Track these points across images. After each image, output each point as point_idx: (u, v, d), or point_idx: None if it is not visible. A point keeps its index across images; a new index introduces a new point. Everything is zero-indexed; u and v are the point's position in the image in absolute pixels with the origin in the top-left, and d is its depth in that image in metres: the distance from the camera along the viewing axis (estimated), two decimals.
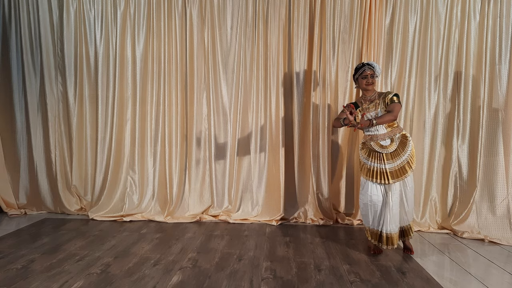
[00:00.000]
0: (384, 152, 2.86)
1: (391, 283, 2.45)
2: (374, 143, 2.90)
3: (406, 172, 2.83)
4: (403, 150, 2.85)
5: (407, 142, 2.88)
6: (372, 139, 2.92)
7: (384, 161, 2.85)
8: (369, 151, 2.94)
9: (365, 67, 2.94)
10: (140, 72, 3.99)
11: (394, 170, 2.83)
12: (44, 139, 4.09)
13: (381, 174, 2.85)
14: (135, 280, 2.42)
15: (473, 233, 3.51)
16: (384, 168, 2.84)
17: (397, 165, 2.83)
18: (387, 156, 2.86)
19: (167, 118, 3.96)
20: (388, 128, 2.90)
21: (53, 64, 4.06)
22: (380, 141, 2.89)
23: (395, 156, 2.85)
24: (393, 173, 2.84)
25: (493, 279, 2.59)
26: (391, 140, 2.88)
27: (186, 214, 3.94)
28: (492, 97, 3.66)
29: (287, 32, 3.91)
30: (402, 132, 2.94)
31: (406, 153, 2.85)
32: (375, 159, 2.89)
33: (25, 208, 4.10)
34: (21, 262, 2.67)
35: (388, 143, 2.88)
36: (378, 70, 2.98)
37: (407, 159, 2.84)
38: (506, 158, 3.62)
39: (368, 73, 2.92)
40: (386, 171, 2.84)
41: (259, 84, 3.92)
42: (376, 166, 2.87)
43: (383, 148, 2.87)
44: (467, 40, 3.70)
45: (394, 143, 2.87)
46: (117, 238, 3.28)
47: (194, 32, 3.95)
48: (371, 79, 2.93)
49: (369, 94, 2.98)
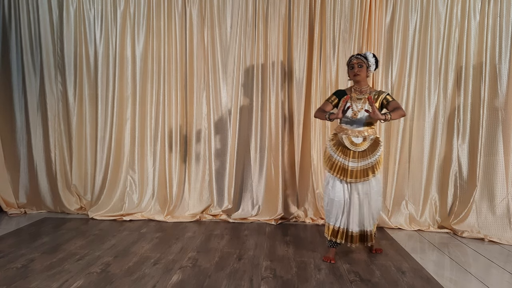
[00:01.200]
0: (353, 149, 2.72)
1: (391, 283, 2.46)
2: (346, 137, 2.75)
3: (367, 175, 2.70)
4: (371, 153, 2.71)
5: (378, 146, 2.75)
6: (346, 133, 2.76)
7: (348, 158, 2.72)
8: (338, 144, 2.78)
9: (351, 58, 2.81)
10: (140, 72, 3.99)
11: (355, 170, 2.70)
12: (44, 139, 4.09)
13: (342, 170, 2.73)
14: (135, 279, 2.42)
15: (473, 233, 3.51)
16: (346, 164, 2.72)
17: (359, 166, 2.70)
18: (353, 154, 2.72)
19: (167, 118, 3.96)
20: (366, 127, 2.76)
21: (53, 64, 4.06)
22: (352, 137, 2.74)
23: (362, 157, 2.71)
24: (353, 173, 2.71)
25: (493, 279, 2.59)
26: (364, 139, 2.73)
27: (186, 213, 3.94)
28: (492, 97, 3.66)
29: (287, 31, 3.90)
30: (376, 135, 2.81)
31: (374, 157, 2.71)
32: (341, 154, 2.75)
33: (25, 207, 4.10)
34: (21, 261, 2.67)
35: (359, 141, 2.73)
36: (370, 60, 2.76)
37: (372, 163, 2.71)
38: (506, 158, 3.62)
39: (354, 62, 2.75)
40: (347, 169, 2.71)
41: (259, 83, 3.92)
42: (340, 161, 2.74)
43: (353, 145, 2.72)
44: (467, 39, 3.70)
45: (366, 143, 2.73)
46: (117, 237, 3.28)
47: (194, 32, 3.94)
48: (358, 68, 2.74)
49: (360, 86, 2.80)
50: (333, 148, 2.80)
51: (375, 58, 2.79)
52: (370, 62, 2.76)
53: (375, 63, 2.79)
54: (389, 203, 3.82)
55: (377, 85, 3.78)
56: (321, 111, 2.80)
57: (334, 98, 2.86)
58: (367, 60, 2.75)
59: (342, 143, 2.75)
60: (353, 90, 2.82)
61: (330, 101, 2.86)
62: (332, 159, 2.77)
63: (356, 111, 2.72)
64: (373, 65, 2.78)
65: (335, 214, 2.79)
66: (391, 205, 3.81)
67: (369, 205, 2.74)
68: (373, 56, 2.77)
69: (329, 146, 2.84)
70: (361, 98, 2.76)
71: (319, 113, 2.81)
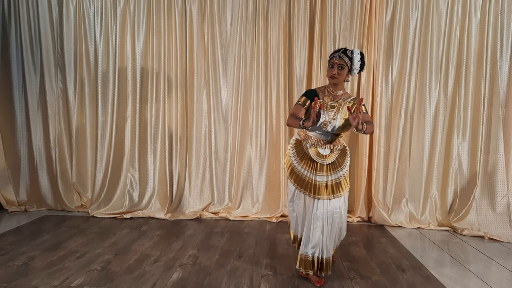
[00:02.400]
0: (320, 162, 2.37)
1: (391, 280, 2.46)
2: (312, 149, 2.39)
3: (341, 190, 2.38)
4: (340, 165, 2.40)
5: (345, 156, 2.46)
6: (313, 143, 2.40)
7: (315, 172, 2.37)
8: (302, 154, 2.42)
9: (335, 54, 2.34)
10: (140, 69, 3.98)
11: (323, 185, 2.35)
12: (44, 136, 4.09)
13: (310, 186, 2.36)
14: (136, 277, 2.42)
15: (473, 230, 3.52)
16: (312, 179, 2.36)
17: (330, 181, 2.36)
18: (321, 167, 2.37)
19: (167, 116, 3.96)
20: (335, 137, 2.42)
21: (53, 61, 4.05)
22: (319, 149, 2.39)
23: (331, 170, 2.38)
24: (321, 188, 2.34)
25: (493, 276, 2.59)
26: (331, 150, 2.40)
27: (187, 211, 3.94)
28: (493, 94, 3.66)
29: (287, 29, 3.90)
30: (343, 143, 2.52)
31: (345, 168, 2.42)
32: (306, 167, 2.39)
33: (25, 205, 4.11)
34: (22, 259, 2.68)
35: (327, 153, 2.38)
36: (355, 64, 2.31)
37: (344, 175, 2.41)
38: (506, 156, 3.62)
39: (336, 62, 2.31)
40: (315, 184, 2.35)
41: (259, 81, 3.91)
42: (306, 175, 2.38)
43: (319, 157, 2.37)
44: (468, 37, 3.69)
45: (333, 155, 2.40)
46: (118, 235, 3.29)
47: (194, 29, 3.94)
48: (337, 70, 2.31)
49: (336, 89, 2.40)
50: (296, 158, 2.43)
51: (361, 62, 2.34)
52: (354, 66, 2.32)
53: (360, 67, 2.35)
54: (389, 201, 3.82)
55: (377, 83, 3.78)
56: (294, 118, 2.31)
57: (305, 99, 2.41)
58: (352, 63, 2.32)
59: (307, 153, 2.41)
60: (327, 92, 2.42)
61: (301, 103, 2.40)
62: (296, 171, 2.42)
63: (326, 122, 2.34)
64: (356, 70, 2.34)
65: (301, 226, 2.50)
66: (391, 203, 3.81)
67: (328, 229, 2.36)
68: (359, 59, 2.33)
69: (292, 155, 2.46)
70: (334, 106, 2.37)
71: (292, 120, 2.31)
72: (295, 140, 2.50)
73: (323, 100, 2.37)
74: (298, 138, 2.50)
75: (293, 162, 2.44)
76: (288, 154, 2.50)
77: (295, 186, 2.42)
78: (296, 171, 2.42)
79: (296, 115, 2.35)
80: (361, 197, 3.88)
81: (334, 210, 2.35)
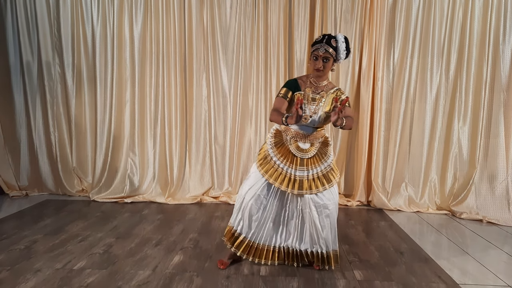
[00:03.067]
0: (299, 156, 2.25)
1: (390, 263, 2.49)
2: (292, 142, 2.27)
3: (331, 180, 2.26)
4: (322, 158, 2.28)
5: (327, 147, 2.33)
6: (292, 136, 2.28)
7: (294, 166, 2.24)
8: (281, 145, 2.29)
9: (318, 46, 2.16)
10: (139, 53, 3.93)
11: (304, 179, 2.22)
12: (44, 121, 4.08)
13: (285, 180, 2.22)
14: (137, 260, 2.45)
15: (471, 214, 3.55)
16: (292, 174, 2.22)
17: (313, 174, 2.23)
18: (301, 162, 2.25)
19: (166, 100, 3.93)
20: (316, 130, 2.29)
21: (50, 45, 3.99)
22: (299, 142, 2.27)
23: (312, 163, 2.25)
24: (303, 183, 2.21)
25: (490, 259, 2.62)
26: (311, 144, 2.28)
27: (187, 195, 3.96)
28: (495, 78, 3.63)
29: (287, 12, 3.83)
30: (325, 135, 2.37)
31: (329, 159, 2.30)
32: (284, 160, 2.25)
33: (26, 189, 4.12)
34: (24, 242, 2.71)
35: (307, 147, 2.27)
36: (340, 54, 2.18)
37: (330, 166, 2.29)
38: (506, 140, 3.62)
39: (320, 54, 2.15)
40: (294, 179, 2.22)
41: (259, 65, 3.87)
42: (283, 168, 2.23)
43: (299, 151, 2.26)
44: (471, 19, 3.64)
45: (313, 148, 2.28)
46: (119, 219, 3.31)
47: (192, 12, 3.87)
48: (323, 63, 2.16)
49: (319, 80, 2.27)
50: (274, 148, 2.28)
51: (347, 50, 2.21)
52: (340, 56, 2.19)
53: (346, 54, 2.22)
54: (389, 185, 3.83)
55: (378, 67, 3.74)
56: (277, 113, 2.16)
57: (287, 91, 2.25)
58: (337, 52, 2.18)
59: (286, 146, 2.28)
60: (309, 82, 2.28)
61: (282, 95, 2.25)
62: (271, 162, 2.25)
63: (307, 115, 2.22)
64: (342, 59, 2.22)
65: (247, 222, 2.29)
66: (390, 187, 3.83)
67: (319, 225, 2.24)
68: (345, 48, 2.19)
69: (269, 144, 2.31)
70: (316, 98, 2.24)
71: (275, 116, 2.16)
72: (275, 130, 2.35)
73: (304, 92, 2.25)
74: (278, 128, 2.35)
75: (269, 151, 2.28)
76: (266, 143, 2.35)
77: (265, 177, 2.22)
78: (270, 162, 2.25)
79: (278, 109, 2.19)
80: (360, 181, 3.89)
81: (327, 203, 2.22)
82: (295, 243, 2.35)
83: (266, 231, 2.32)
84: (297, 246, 2.34)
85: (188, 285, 2.14)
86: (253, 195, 2.26)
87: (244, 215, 2.29)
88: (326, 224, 2.25)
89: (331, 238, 2.28)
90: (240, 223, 2.33)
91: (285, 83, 2.33)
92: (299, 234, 2.35)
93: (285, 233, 2.37)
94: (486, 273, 2.40)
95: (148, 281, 2.17)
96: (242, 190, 2.31)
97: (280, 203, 2.33)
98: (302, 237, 2.34)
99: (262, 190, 2.25)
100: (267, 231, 2.33)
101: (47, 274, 2.22)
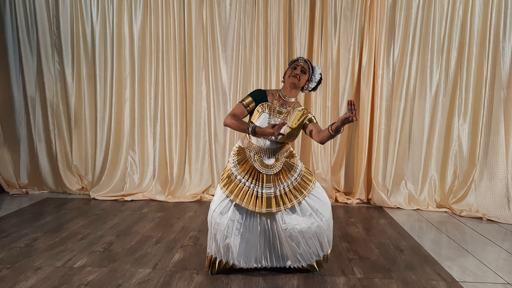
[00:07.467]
0: (265, 172, 2.16)
1: (389, 261, 2.49)
2: (256, 158, 2.19)
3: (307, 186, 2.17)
4: (289, 172, 2.19)
5: (293, 159, 2.26)
6: (255, 152, 2.20)
7: (260, 184, 2.15)
8: (245, 163, 2.20)
9: (300, 58, 2.22)
10: (138, 51, 3.92)
11: (271, 196, 2.12)
12: (43, 119, 4.07)
13: (255, 198, 2.12)
14: (138, 257, 2.46)
15: (471, 212, 3.55)
16: (259, 191, 2.13)
17: (279, 190, 2.14)
18: (267, 178, 2.16)
19: (166, 98, 3.93)
20: (278, 145, 2.21)
21: (50, 43, 3.98)
22: (263, 158, 2.19)
23: (278, 180, 2.16)
24: (271, 200, 2.12)
25: (490, 256, 2.63)
26: (276, 159, 2.21)
27: (187, 193, 3.97)
28: (495, 76, 3.62)
29: (287, 9, 3.82)
30: (290, 148, 2.31)
31: (297, 169, 2.22)
32: (249, 177, 2.15)
33: (26, 187, 4.13)
34: (25, 240, 2.71)
35: (271, 162, 2.19)
36: (316, 75, 2.21)
37: (300, 175, 2.21)
38: (506, 137, 3.62)
39: (301, 64, 2.17)
40: (262, 196, 2.12)
41: (259, 62, 3.86)
42: (249, 186, 2.14)
43: (264, 167, 2.17)
44: (471, 16, 3.63)
45: (279, 164, 2.20)
46: (119, 217, 3.31)
47: (192, 9, 3.85)
48: (301, 74, 2.15)
49: (289, 94, 2.21)
50: (237, 166, 2.19)
51: (319, 80, 2.26)
52: (314, 77, 2.22)
53: (317, 83, 2.25)
54: (389, 183, 3.84)
55: (378, 64, 3.73)
56: (237, 120, 2.13)
57: (250, 101, 2.21)
58: (313, 73, 2.21)
59: (250, 163, 2.19)
60: (278, 96, 2.23)
61: (245, 104, 2.20)
62: (236, 180, 2.15)
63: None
64: (313, 83, 2.24)
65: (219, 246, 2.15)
66: (390, 185, 3.83)
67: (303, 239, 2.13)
68: (320, 73, 2.25)
69: (231, 162, 2.22)
70: (282, 112, 2.19)
71: (234, 122, 2.12)
72: (238, 148, 2.26)
73: (271, 104, 2.19)
74: (241, 145, 2.26)
75: (232, 169, 2.18)
76: (229, 161, 2.25)
77: (230, 198, 2.11)
78: (233, 181, 2.15)
79: (237, 115, 2.16)
80: (360, 179, 3.90)
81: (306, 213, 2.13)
82: (280, 262, 2.27)
83: (248, 254, 2.21)
84: (282, 264, 2.28)
85: (189, 282, 2.14)
86: (220, 215, 2.12)
87: (218, 241, 2.13)
88: (301, 239, 2.12)
89: (317, 248, 2.17)
90: (217, 250, 2.17)
91: (252, 92, 2.27)
92: (281, 252, 2.25)
93: (268, 254, 2.25)
94: (486, 270, 2.40)
95: (148, 279, 2.17)
96: (209, 215, 2.19)
97: (256, 224, 2.17)
98: (283, 254, 2.25)
99: (235, 215, 2.11)
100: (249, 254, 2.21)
101: (48, 272, 2.22)
